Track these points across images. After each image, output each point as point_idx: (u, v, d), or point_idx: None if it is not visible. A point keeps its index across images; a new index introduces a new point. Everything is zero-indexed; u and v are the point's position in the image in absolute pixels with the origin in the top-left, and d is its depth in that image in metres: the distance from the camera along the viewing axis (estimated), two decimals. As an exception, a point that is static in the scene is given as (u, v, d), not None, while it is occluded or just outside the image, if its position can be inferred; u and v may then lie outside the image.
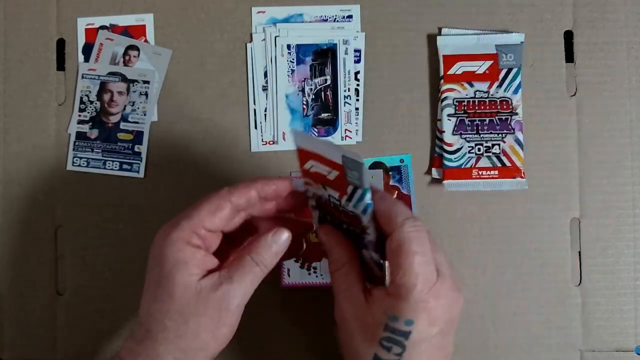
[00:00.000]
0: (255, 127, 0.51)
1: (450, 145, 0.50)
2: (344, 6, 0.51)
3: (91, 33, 0.51)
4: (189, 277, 0.35)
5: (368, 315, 0.34)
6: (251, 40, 0.51)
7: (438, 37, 0.51)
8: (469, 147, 0.50)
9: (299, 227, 0.39)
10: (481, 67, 0.50)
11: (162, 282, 0.35)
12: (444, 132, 0.50)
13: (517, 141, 0.50)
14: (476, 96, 0.50)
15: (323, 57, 0.51)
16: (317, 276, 0.49)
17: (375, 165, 0.50)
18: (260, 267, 0.36)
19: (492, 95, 0.50)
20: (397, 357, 0.33)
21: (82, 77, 0.51)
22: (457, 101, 0.50)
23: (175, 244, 0.35)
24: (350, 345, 0.36)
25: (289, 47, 0.51)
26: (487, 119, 0.50)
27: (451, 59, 0.50)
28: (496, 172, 0.49)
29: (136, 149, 0.50)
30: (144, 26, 0.51)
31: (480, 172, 0.50)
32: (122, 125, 0.51)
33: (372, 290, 0.35)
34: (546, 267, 0.50)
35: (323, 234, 0.38)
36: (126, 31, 0.51)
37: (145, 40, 0.51)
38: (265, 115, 0.51)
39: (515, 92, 0.50)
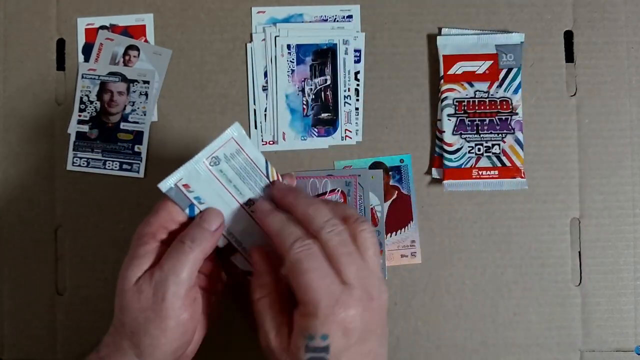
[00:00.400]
0: (255, 127, 0.51)
1: (450, 145, 0.50)
2: (344, 6, 0.51)
3: (91, 33, 0.51)
4: (137, 272, 0.35)
5: (291, 342, 0.34)
6: (251, 40, 0.51)
7: (438, 37, 0.51)
8: (469, 147, 0.50)
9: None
10: (481, 67, 0.50)
11: (119, 278, 0.36)
12: (444, 132, 0.50)
13: (517, 141, 0.50)
14: (476, 96, 0.50)
15: (323, 57, 0.51)
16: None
17: (375, 165, 0.50)
18: (188, 245, 0.35)
19: (492, 95, 0.50)
20: None
21: (82, 77, 0.51)
22: (457, 101, 0.50)
23: (140, 239, 0.36)
24: None
25: (289, 47, 0.51)
26: (487, 119, 0.50)
27: (451, 59, 0.50)
28: (496, 172, 0.49)
29: (136, 149, 0.50)
30: (144, 26, 0.51)
31: (480, 172, 0.50)
32: (122, 125, 0.51)
33: (291, 316, 0.35)
34: (546, 267, 0.50)
35: (256, 254, 0.37)
36: (126, 31, 0.51)
37: (145, 40, 0.51)
38: (265, 115, 0.51)
39: (515, 92, 0.50)
